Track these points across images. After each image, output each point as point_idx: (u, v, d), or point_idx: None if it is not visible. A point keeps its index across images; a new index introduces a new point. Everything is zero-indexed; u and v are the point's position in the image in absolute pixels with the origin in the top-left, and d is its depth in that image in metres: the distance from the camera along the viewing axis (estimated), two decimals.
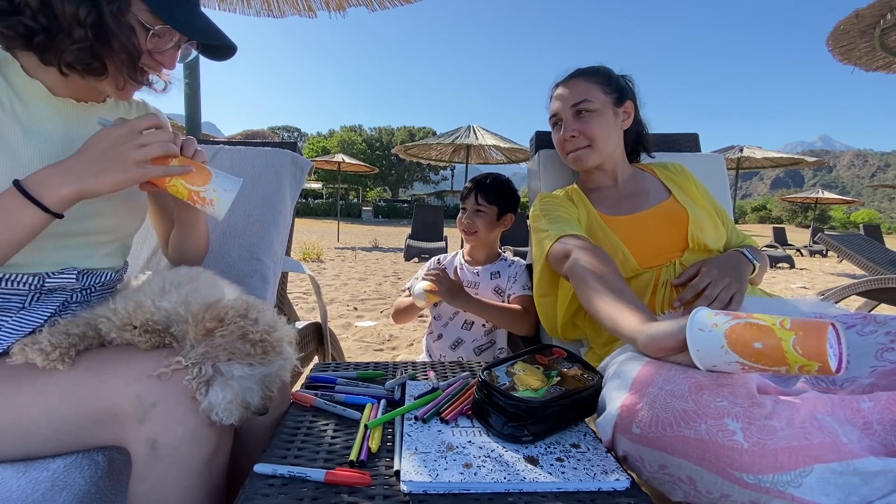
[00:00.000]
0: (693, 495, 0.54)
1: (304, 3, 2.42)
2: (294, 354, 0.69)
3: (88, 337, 0.65)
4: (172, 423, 0.59)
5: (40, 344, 0.60)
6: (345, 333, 2.95)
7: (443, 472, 0.55)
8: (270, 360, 0.63)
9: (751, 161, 10.35)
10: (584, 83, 1.10)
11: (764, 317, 0.56)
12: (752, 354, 0.55)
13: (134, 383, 0.59)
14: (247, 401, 0.61)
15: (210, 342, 0.61)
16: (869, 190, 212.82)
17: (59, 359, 0.60)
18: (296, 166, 1.32)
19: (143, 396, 0.58)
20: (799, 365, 0.52)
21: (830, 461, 0.46)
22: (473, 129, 9.12)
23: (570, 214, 1.09)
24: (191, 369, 0.60)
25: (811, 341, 0.51)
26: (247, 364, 0.61)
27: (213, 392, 0.59)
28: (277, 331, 0.65)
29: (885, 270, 2.73)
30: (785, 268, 8.65)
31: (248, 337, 0.61)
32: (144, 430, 0.58)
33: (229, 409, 0.59)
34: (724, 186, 1.40)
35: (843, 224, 61.62)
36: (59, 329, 0.63)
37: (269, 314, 0.67)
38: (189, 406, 0.59)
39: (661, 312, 0.95)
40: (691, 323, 0.60)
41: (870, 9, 3.48)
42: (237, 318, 0.63)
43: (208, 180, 0.72)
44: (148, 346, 0.65)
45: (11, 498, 0.55)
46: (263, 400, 0.64)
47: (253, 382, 0.62)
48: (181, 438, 0.59)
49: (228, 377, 0.60)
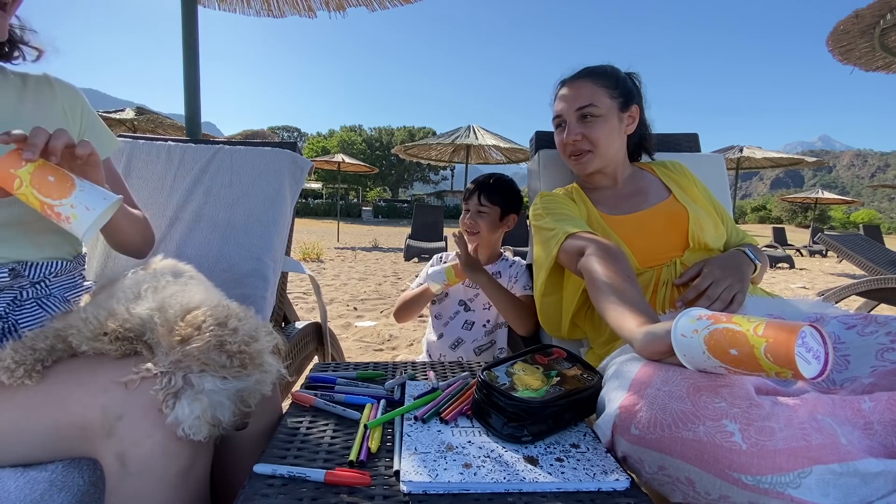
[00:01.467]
0: (692, 496, 0.54)
1: (304, 3, 2.42)
2: (278, 364, 0.65)
3: (57, 350, 0.62)
4: (140, 436, 0.55)
5: (3, 362, 0.58)
6: (345, 333, 2.95)
7: (442, 473, 0.55)
8: (248, 373, 0.59)
9: (751, 161, 10.36)
10: (590, 85, 1.08)
11: (742, 321, 0.55)
12: (730, 360, 0.54)
13: (99, 394, 0.56)
14: (217, 417, 0.56)
15: (183, 350, 0.57)
16: (869, 190, 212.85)
17: (25, 375, 0.57)
18: (296, 166, 1.32)
19: (109, 408, 0.56)
20: (775, 371, 0.51)
21: (830, 462, 0.46)
22: (473, 130, 9.12)
23: (574, 212, 1.09)
24: (160, 378, 0.56)
25: (780, 349, 0.50)
26: (220, 377, 0.57)
27: (181, 406, 0.55)
28: (258, 341, 0.61)
29: (885, 270, 2.73)
30: (785, 268, 8.65)
31: (225, 347, 0.58)
32: (112, 445, 0.56)
33: (197, 425, 0.55)
34: (724, 186, 1.40)
35: (842, 224, 61.61)
36: (24, 344, 0.60)
37: (251, 323, 0.63)
38: (157, 418, 0.56)
39: (663, 312, 0.95)
40: (675, 329, 0.60)
41: (870, 9, 3.48)
42: (215, 325, 0.59)
43: (67, 193, 0.62)
44: (119, 353, 0.61)
45: (10, 498, 0.55)
46: (237, 416, 0.59)
47: (225, 397, 0.58)
48: (151, 452, 0.56)
49: (199, 390, 0.56)
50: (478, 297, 1.48)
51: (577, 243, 0.95)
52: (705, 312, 0.60)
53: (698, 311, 0.61)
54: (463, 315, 1.48)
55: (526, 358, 0.78)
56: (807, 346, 0.50)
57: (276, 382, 0.65)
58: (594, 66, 1.13)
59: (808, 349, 0.50)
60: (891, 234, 44.63)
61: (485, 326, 1.48)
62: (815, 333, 0.51)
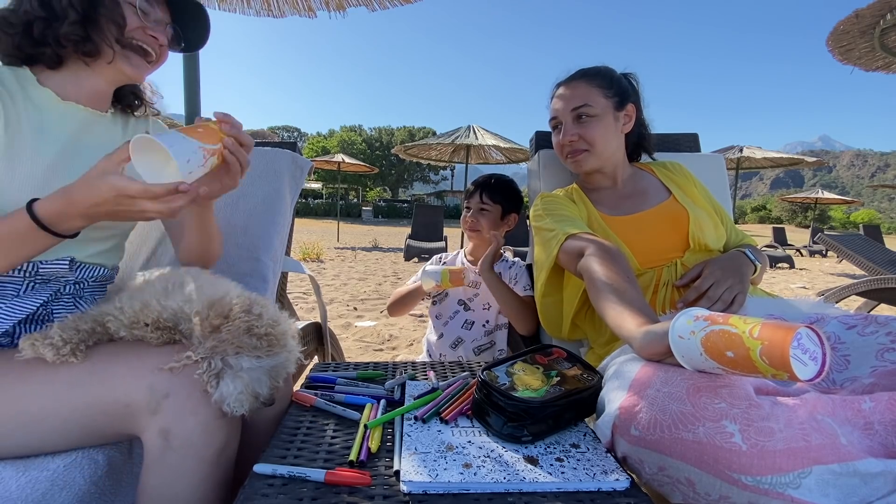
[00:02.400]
0: (692, 497, 0.54)
1: (304, 3, 2.41)
2: (297, 347, 0.71)
3: (97, 333, 0.66)
4: (185, 413, 0.60)
5: (51, 339, 0.61)
6: (345, 333, 2.95)
7: (442, 472, 0.55)
8: (276, 352, 0.65)
9: (751, 161, 10.35)
10: (584, 86, 1.10)
11: (738, 322, 0.55)
12: (727, 362, 0.54)
13: (148, 375, 0.61)
14: (256, 391, 0.62)
15: (217, 337, 0.63)
16: (869, 190, 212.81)
17: (71, 353, 0.61)
18: (296, 166, 1.32)
19: (156, 388, 0.60)
20: (771, 373, 0.51)
21: (830, 462, 0.46)
22: (473, 129, 9.12)
23: (574, 213, 1.09)
24: (201, 363, 0.61)
25: (775, 352, 0.50)
26: (254, 356, 0.63)
27: (224, 384, 0.60)
28: (281, 325, 0.67)
29: (885, 270, 2.73)
30: (785, 268, 8.65)
31: (254, 331, 0.63)
32: (157, 421, 0.59)
33: (240, 400, 0.61)
34: (724, 186, 1.40)
35: (842, 224, 61.60)
36: (68, 325, 0.64)
37: (272, 309, 0.69)
38: (201, 398, 0.61)
39: (663, 312, 0.95)
40: (672, 331, 0.60)
41: (870, 9, 3.47)
42: (241, 313, 0.65)
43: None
44: (159, 342, 0.66)
45: (11, 497, 0.55)
46: (272, 391, 0.65)
47: (262, 373, 0.64)
48: (193, 429, 0.60)
49: (238, 369, 0.61)
50: (477, 297, 1.48)
51: (577, 244, 0.95)
52: (702, 313, 0.60)
53: (695, 312, 0.61)
54: (462, 315, 1.49)
55: (526, 358, 0.78)
56: (803, 348, 0.50)
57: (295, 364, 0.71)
58: (588, 68, 1.14)
59: (805, 350, 0.50)
60: (891, 234, 44.63)
61: (484, 326, 1.48)
62: (811, 334, 0.51)
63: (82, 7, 0.75)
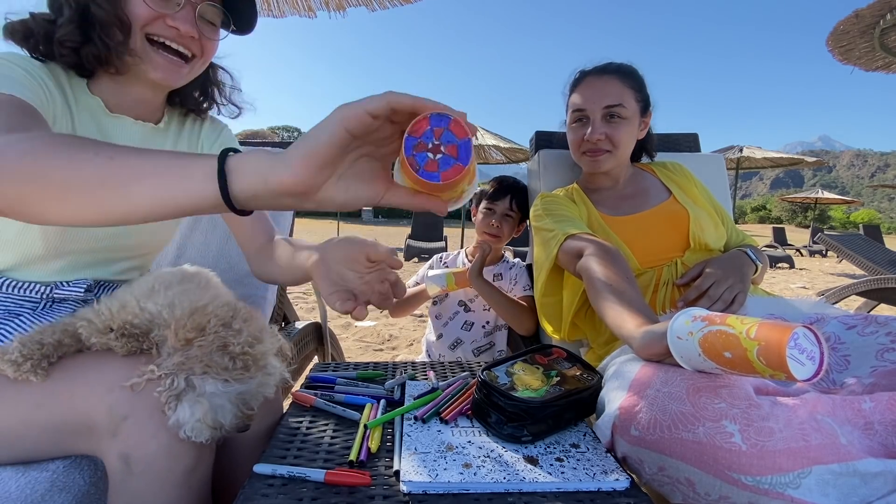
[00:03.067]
0: (692, 497, 0.54)
1: (304, 3, 2.41)
2: (281, 367, 0.65)
3: (64, 345, 0.61)
4: (145, 437, 0.55)
5: (10, 355, 0.57)
6: (345, 333, 2.95)
7: (442, 472, 0.55)
8: (250, 375, 0.59)
9: (750, 161, 10.35)
10: (619, 84, 1.05)
11: (735, 322, 0.55)
12: (725, 363, 0.54)
13: (106, 395, 0.56)
14: (218, 420, 0.56)
15: (187, 352, 0.57)
16: (869, 190, 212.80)
17: (31, 370, 0.57)
18: None
19: (115, 409, 0.55)
20: (769, 373, 0.51)
21: (829, 463, 0.46)
22: None
23: (573, 213, 1.09)
24: (163, 380, 0.56)
25: (772, 352, 0.49)
26: (222, 380, 0.57)
27: (182, 408, 0.55)
28: (262, 343, 0.61)
29: (885, 270, 2.73)
30: (785, 268, 8.65)
31: (228, 349, 0.58)
32: (117, 445, 0.56)
33: (198, 428, 0.55)
34: (724, 186, 1.40)
35: (842, 224, 61.59)
36: (31, 338, 0.59)
37: (256, 324, 0.63)
38: (161, 420, 0.56)
39: (663, 312, 0.95)
40: (671, 331, 0.60)
41: (870, 9, 3.47)
42: (219, 327, 0.59)
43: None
44: (125, 350, 0.61)
45: (11, 498, 0.55)
46: (238, 419, 0.59)
47: (226, 400, 0.57)
48: (156, 453, 0.56)
49: (200, 393, 0.56)
50: (478, 297, 1.48)
51: (576, 244, 0.95)
52: (700, 313, 0.60)
53: (693, 312, 0.61)
54: (462, 315, 1.48)
55: (526, 358, 0.78)
56: (800, 348, 0.50)
57: (278, 385, 0.65)
58: (622, 64, 1.09)
59: (802, 350, 0.50)
60: (891, 234, 44.62)
61: (484, 328, 1.48)
62: (808, 334, 0.51)
63: (76, 3, 0.64)
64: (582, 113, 1.08)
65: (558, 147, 1.41)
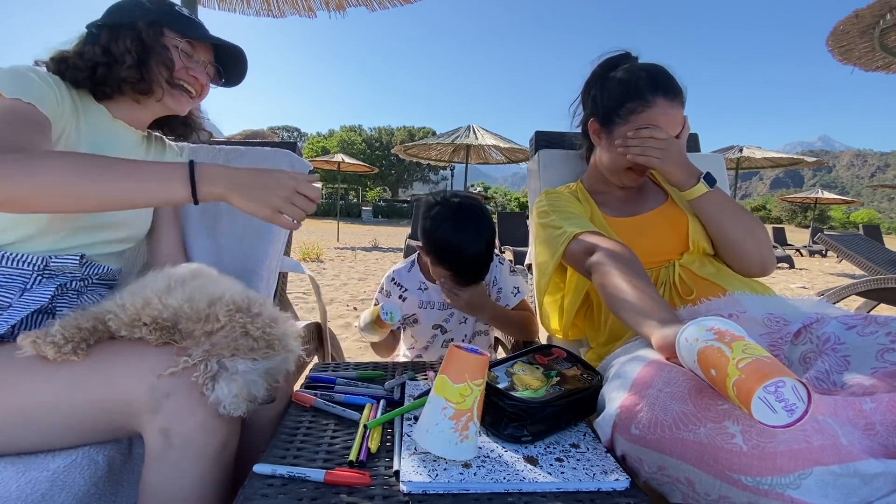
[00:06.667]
0: (692, 497, 0.54)
1: (304, 3, 2.41)
2: (298, 346, 0.71)
3: (98, 331, 0.67)
4: (185, 413, 0.61)
5: (53, 337, 0.62)
6: (345, 333, 2.95)
7: (442, 473, 0.55)
8: (274, 353, 0.66)
9: (750, 161, 10.35)
10: (681, 112, 1.03)
11: (737, 349, 0.53)
12: (710, 379, 0.54)
13: (148, 375, 0.62)
14: (252, 393, 0.62)
15: (213, 340, 0.64)
16: (868, 190, 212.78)
17: (72, 351, 0.62)
18: (293, 168, 1.32)
19: (157, 387, 0.61)
20: (738, 405, 0.50)
21: (830, 463, 0.46)
22: (473, 129, 9.12)
23: (578, 210, 1.08)
24: (197, 366, 0.62)
25: (743, 388, 0.49)
26: (250, 359, 0.64)
27: (220, 387, 0.61)
28: (279, 325, 0.68)
29: (885, 270, 2.73)
30: (785, 268, 8.65)
31: (250, 332, 0.65)
32: (158, 420, 0.61)
33: (236, 402, 0.61)
34: (724, 186, 1.40)
35: (842, 224, 61.62)
36: (70, 322, 0.64)
37: (270, 309, 0.70)
38: (199, 398, 0.62)
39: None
40: (681, 333, 0.60)
41: (869, 9, 3.48)
42: (238, 314, 0.66)
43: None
44: (158, 342, 0.67)
45: (11, 498, 0.55)
46: (269, 391, 0.66)
47: (257, 376, 0.64)
48: (193, 428, 0.61)
49: (233, 372, 0.62)
50: (452, 316, 1.36)
51: (586, 243, 0.94)
52: (716, 325, 0.59)
53: (710, 323, 0.60)
54: (440, 337, 1.40)
55: (526, 358, 0.78)
56: (779, 396, 0.47)
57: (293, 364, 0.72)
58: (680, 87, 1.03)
59: (780, 399, 0.47)
60: (890, 234, 44.63)
61: (463, 341, 1.43)
62: (799, 388, 0.48)
63: (137, 53, 0.86)
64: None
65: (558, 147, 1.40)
